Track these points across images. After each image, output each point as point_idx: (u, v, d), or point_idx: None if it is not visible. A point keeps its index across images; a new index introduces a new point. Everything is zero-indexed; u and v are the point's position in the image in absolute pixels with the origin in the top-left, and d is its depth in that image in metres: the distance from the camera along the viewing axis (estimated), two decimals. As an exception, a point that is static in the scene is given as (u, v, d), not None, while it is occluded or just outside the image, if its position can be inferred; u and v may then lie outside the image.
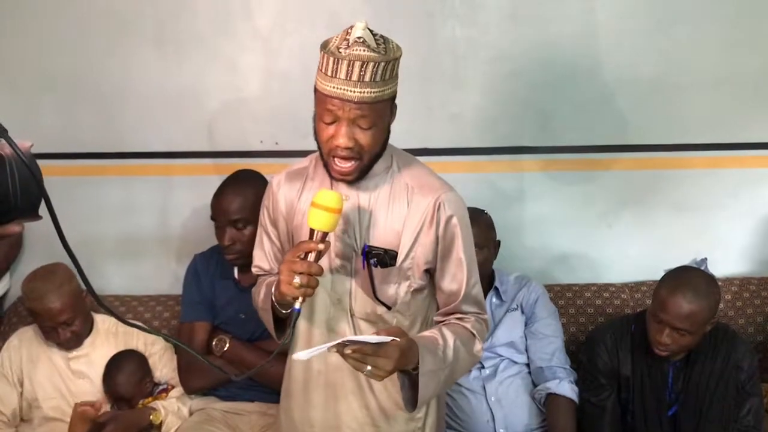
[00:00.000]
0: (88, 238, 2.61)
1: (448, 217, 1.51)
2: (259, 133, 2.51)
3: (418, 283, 1.56)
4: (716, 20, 2.45)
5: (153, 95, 2.52)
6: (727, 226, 2.66)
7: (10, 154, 0.84)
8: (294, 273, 1.37)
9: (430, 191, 1.51)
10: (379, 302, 1.55)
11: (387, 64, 1.36)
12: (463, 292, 1.56)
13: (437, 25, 2.46)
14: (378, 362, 1.31)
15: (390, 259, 1.51)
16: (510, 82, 2.50)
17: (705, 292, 1.95)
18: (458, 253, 1.54)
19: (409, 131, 2.53)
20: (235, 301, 2.27)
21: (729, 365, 2.08)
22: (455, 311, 1.58)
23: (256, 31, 2.44)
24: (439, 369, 1.45)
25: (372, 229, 1.52)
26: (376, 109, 1.38)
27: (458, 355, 1.49)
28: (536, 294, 2.35)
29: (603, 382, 2.14)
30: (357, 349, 1.30)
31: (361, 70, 1.33)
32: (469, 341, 1.55)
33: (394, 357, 1.32)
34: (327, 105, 1.38)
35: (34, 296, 2.18)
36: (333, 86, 1.36)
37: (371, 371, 1.32)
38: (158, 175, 2.60)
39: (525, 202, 2.61)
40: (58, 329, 2.21)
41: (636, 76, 2.50)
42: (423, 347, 1.42)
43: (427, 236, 1.51)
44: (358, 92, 1.35)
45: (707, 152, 2.58)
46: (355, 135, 1.39)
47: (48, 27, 2.47)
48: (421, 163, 1.61)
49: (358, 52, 1.34)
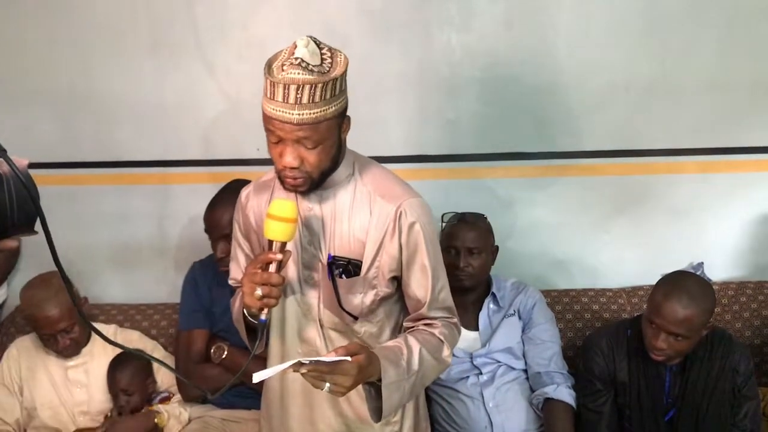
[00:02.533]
0: (85, 246, 2.62)
1: (411, 224, 1.50)
2: (254, 142, 2.51)
3: (384, 292, 1.56)
4: (709, 26, 2.46)
5: (149, 104, 2.52)
6: (723, 231, 2.67)
7: (8, 171, 0.86)
8: (255, 284, 1.37)
9: (392, 198, 1.50)
10: (345, 312, 1.55)
11: (326, 85, 1.32)
12: (429, 298, 1.55)
13: (433, 32, 2.47)
14: (336, 380, 1.31)
15: (354, 268, 1.51)
16: (506, 89, 2.51)
17: (700, 296, 1.95)
18: (422, 260, 1.53)
19: (405, 138, 2.56)
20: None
21: (725, 369, 2.08)
22: (423, 317, 1.57)
23: (251, 40, 2.45)
24: (402, 379, 1.44)
25: (336, 238, 1.51)
26: (319, 129, 1.36)
27: (424, 363, 1.49)
28: (533, 299, 2.35)
29: (600, 387, 2.14)
30: (312, 368, 1.30)
31: (297, 93, 1.31)
32: (436, 348, 1.54)
33: (352, 374, 1.32)
34: (269, 125, 1.37)
35: (32, 304, 2.19)
36: (272, 108, 1.34)
37: (330, 388, 1.32)
38: (155, 184, 2.61)
39: (521, 208, 2.62)
40: (57, 336, 2.22)
41: (630, 82, 2.51)
42: (385, 359, 1.41)
43: (390, 245, 1.51)
44: (297, 114, 1.33)
45: (702, 157, 2.58)
46: (301, 154, 1.38)
47: (44, 39, 2.48)
48: (384, 169, 1.59)
49: (292, 75, 1.31)
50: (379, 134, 2.49)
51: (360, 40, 2.41)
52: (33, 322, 2.23)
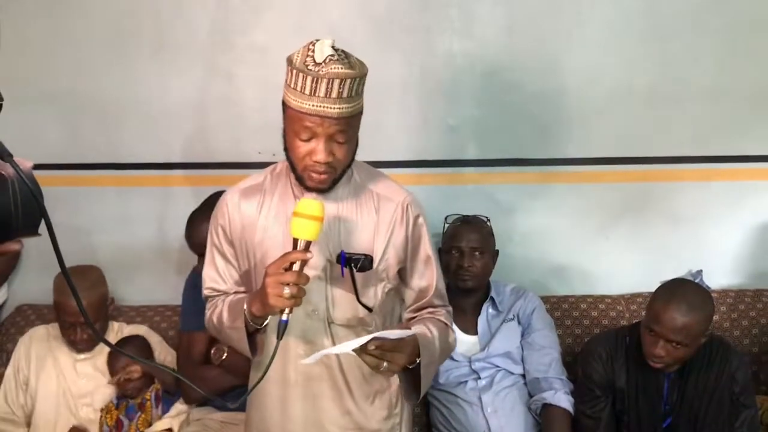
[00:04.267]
0: (87, 248, 2.63)
1: (416, 216, 1.60)
2: (256, 144, 2.53)
3: (392, 284, 1.62)
4: (710, 34, 2.47)
5: (151, 107, 2.54)
6: (723, 238, 2.67)
7: (13, 174, 0.87)
8: (283, 284, 1.37)
9: (395, 195, 1.59)
10: (362, 305, 1.57)
11: (361, 79, 1.40)
12: (434, 287, 1.64)
13: (435, 39, 2.48)
14: (395, 357, 1.39)
15: (369, 263, 1.54)
16: (507, 95, 2.52)
17: (699, 304, 1.96)
18: (426, 251, 1.63)
19: (406, 143, 2.56)
20: None
21: (723, 377, 2.09)
22: (427, 305, 1.66)
23: (254, 45, 2.46)
24: (432, 362, 1.54)
25: (344, 236, 1.54)
26: (352, 123, 1.43)
27: (443, 346, 1.59)
28: (533, 305, 2.36)
29: (598, 393, 2.14)
30: (379, 345, 1.36)
31: (340, 87, 1.36)
32: (445, 333, 1.63)
33: (408, 351, 1.42)
34: (305, 122, 1.39)
35: (63, 291, 2.24)
36: (312, 104, 1.37)
37: (387, 367, 1.38)
38: (157, 186, 2.62)
39: (522, 214, 2.63)
40: (77, 327, 2.26)
41: (631, 89, 2.52)
42: (420, 342, 1.49)
43: (398, 237, 1.58)
44: (337, 108, 1.37)
45: (702, 164, 2.59)
46: (332, 150, 1.42)
47: (48, 42, 2.49)
48: (378, 170, 1.66)
49: (336, 69, 1.35)
50: (381, 139, 2.50)
51: (362, 46, 2.37)
52: (58, 308, 2.27)
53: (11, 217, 0.86)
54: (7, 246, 0.89)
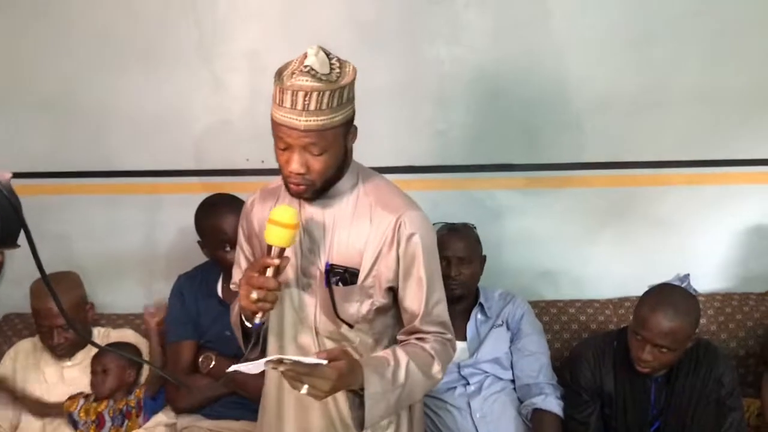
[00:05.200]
0: (74, 255, 2.62)
1: (409, 235, 1.51)
2: (245, 152, 2.52)
3: (380, 302, 1.57)
4: (696, 39, 2.48)
5: (140, 114, 2.52)
6: (709, 242, 2.69)
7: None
8: (251, 288, 1.40)
9: (392, 210, 1.52)
10: (340, 320, 1.56)
11: (333, 93, 1.36)
12: (422, 311, 1.55)
13: (423, 45, 2.48)
14: (314, 382, 1.34)
15: (351, 277, 1.53)
16: (494, 101, 2.53)
17: (685, 309, 1.97)
18: (419, 273, 1.54)
19: (395, 149, 2.57)
20: (221, 318, 2.27)
21: (710, 380, 2.10)
22: (415, 331, 1.58)
23: (243, 52, 2.45)
24: (387, 391, 1.45)
25: (335, 247, 1.53)
26: (325, 136, 1.39)
27: (412, 376, 1.49)
28: (521, 310, 2.36)
29: (586, 398, 2.15)
30: (290, 368, 1.32)
31: (305, 100, 1.34)
32: (426, 363, 1.54)
33: (331, 378, 1.34)
34: (278, 132, 1.40)
35: (38, 295, 2.24)
36: (281, 114, 1.38)
37: (309, 390, 1.34)
38: (145, 194, 2.61)
39: (510, 219, 2.64)
40: (54, 331, 2.25)
41: (618, 94, 2.53)
42: (369, 369, 1.43)
43: (388, 255, 1.52)
44: (304, 120, 1.36)
45: (688, 169, 2.60)
46: (307, 161, 1.41)
47: (35, 48, 2.48)
48: (387, 181, 1.62)
49: (300, 82, 1.34)
50: (369, 145, 2.44)
51: (350, 51, 2.38)
52: (35, 313, 2.27)
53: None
54: None
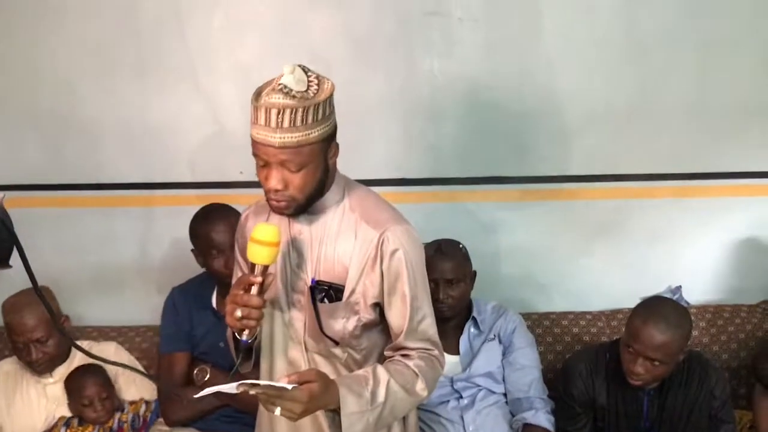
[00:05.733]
0: (68, 268, 2.62)
1: (392, 251, 1.50)
2: (238, 164, 2.53)
3: (367, 318, 1.56)
4: (687, 52, 2.50)
5: (133, 127, 2.54)
6: (701, 254, 2.70)
7: None
8: (236, 305, 1.41)
9: (376, 225, 1.51)
10: (326, 337, 1.56)
11: (306, 110, 1.36)
12: (406, 327, 1.54)
13: (416, 58, 2.50)
14: (285, 405, 1.33)
15: (336, 293, 1.53)
16: (487, 114, 2.55)
17: (677, 322, 1.98)
18: (402, 288, 1.52)
19: (387, 161, 2.58)
20: (215, 330, 2.28)
21: (702, 393, 2.11)
22: (401, 347, 1.56)
23: (237, 65, 2.47)
24: (365, 410, 1.44)
25: (322, 263, 1.54)
26: (301, 152, 1.39)
27: (392, 395, 1.48)
28: (513, 324, 2.36)
29: (579, 410, 2.16)
30: (261, 392, 1.32)
31: (278, 118, 1.35)
32: (409, 380, 1.52)
33: (302, 401, 1.33)
34: (255, 150, 1.41)
35: (11, 310, 2.21)
36: (256, 132, 1.39)
37: (282, 412, 1.34)
38: (138, 206, 2.62)
39: (502, 232, 2.65)
40: (30, 346, 2.21)
41: (609, 108, 2.55)
42: (346, 388, 1.42)
43: (372, 271, 1.52)
44: (278, 138, 1.36)
45: (679, 182, 2.62)
46: (285, 177, 1.42)
47: (31, 62, 2.49)
48: (375, 196, 1.61)
49: (273, 100, 1.36)
50: (362, 158, 2.51)
51: (344, 65, 2.44)
52: (9, 329, 2.23)
53: None
54: None
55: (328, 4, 2.45)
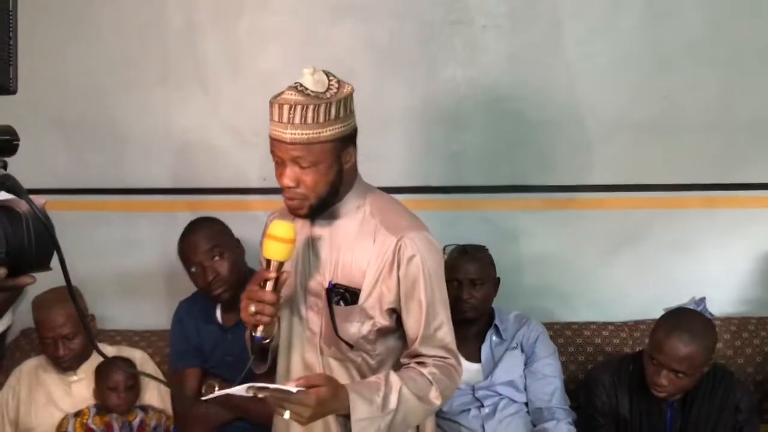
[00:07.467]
0: (92, 271, 2.64)
1: (410, 257, 1.49)
2: (260, 171, 2.55)
3: (381, 323, 1.55)
4: (712, 65, 2.49)
5: (157, 134, 2.58)
6: (726, 266, 2.67)
7: (27, 210, 0.90)
8: (251, 301, 1.43)
9: (395, 231, 1.51)
10: (341, 340, 1.56)
11: (317, 107, 1.39)
12: (422, 334, 1.52)
13: (439, 68, 2.51)
14: (294, 409, 1.34)
15: (352, 296, 1.53)
16: (510, 123, 2.55)
17: (701, 334, 1.96)
18: (419, 295, 1.51)
19: (410, 169, 2.59)
20: (221, 344, 2.30)
21: (727, 406, 2.08)
22: (416, 354, 1.54)
23: (260, 74, 2.49)
24: (376, 416, 1.42)
25: (340, 267, 1.54)
26: (312, 150, 1.41)
27: (405, 402, 1.46)
28: (536, 333, 2.35)
29: (601, 422, 2.14)
30: (270, 395, 1.33)
31: (290, 113, 1.39)
32: (423, 388, 1.50)
33: (310, 405, 1.33)
34: (271, 146, 1.45)
35: (41, 306, 2.25)
36: (272, 129, 1.44)
37: (291, 415, 1.34)
38: (161, 211, 2.64)
39: (524, 241, 2.64)
40: (58, 342, 2.25)
41: (634, 118, 2.54)
42: (356, 394, 1.41)
43: (389, 277, 1.51)
44: (289, 133, 1.40)
45: (704, 192, 2.60)
46: (297, 175, 1.44)
47: (57, 69, 2.54)
48: (396, 202, 1.61)
49: (285, 96, 1.41)
50: (385, 166, 2.52)
51: (367, 74, 2.45)
52: (38, 325, 2.27)
53: (25, 253, 0.90)
54: (20, 280, 0.92)
55: (351, 14, 2.48)
